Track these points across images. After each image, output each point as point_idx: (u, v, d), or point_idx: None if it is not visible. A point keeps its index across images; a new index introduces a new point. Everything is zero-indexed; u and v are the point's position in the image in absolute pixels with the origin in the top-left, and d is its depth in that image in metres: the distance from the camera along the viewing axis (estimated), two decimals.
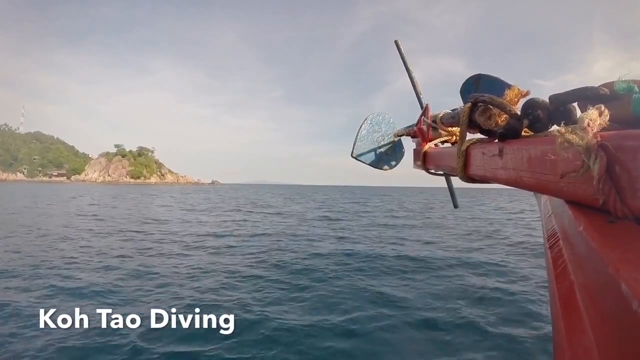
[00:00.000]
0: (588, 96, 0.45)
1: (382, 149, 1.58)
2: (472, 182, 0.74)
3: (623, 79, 0.46)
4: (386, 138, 1.58)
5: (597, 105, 0.38)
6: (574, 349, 0.27)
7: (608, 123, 0.37)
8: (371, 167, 1.56)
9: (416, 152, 1.27)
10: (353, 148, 1.51)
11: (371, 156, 1.56)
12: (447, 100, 1.04)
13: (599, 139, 0.33)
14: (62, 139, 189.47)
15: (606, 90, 0.45)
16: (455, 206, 1.58)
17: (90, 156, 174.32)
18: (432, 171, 1.17)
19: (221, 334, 3.64)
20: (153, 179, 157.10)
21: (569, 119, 0.48)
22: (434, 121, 1.08)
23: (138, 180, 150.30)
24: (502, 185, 0.61)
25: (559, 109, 0.50)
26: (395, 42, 1.48)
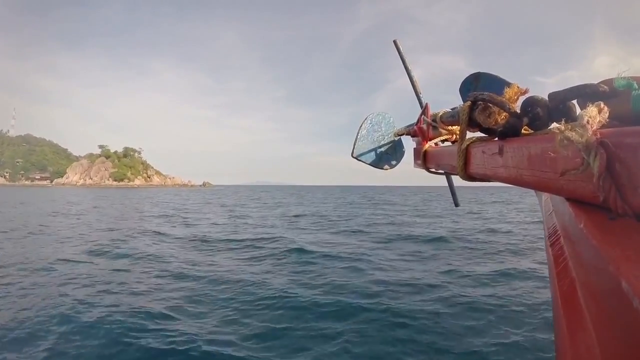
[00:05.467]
0: (587, 93, 0.47)
1: (383, 149, 1.60)
2: (473, 181, 0.76)
3: (622, 76, 0.47)
4: (386, 137, 1.61)
5: (596, 103, 0.39)
6: (575, 347, 0.28)
7: (607, 120, 0.38)
8: (372, 167, 1.58)
9: (416, 151, 1.29)
10: (353, 148, 1.54)
11: (371, 156, 1.58)
12: (449, 99, 1.07)
13: (598, 136, 0.34)
14: (57, 142, 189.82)
15: (605, 87, 0.46)
16: (456, 205, 1.60)
17: None
18: (433, 170, 1.19)
19: None
20: (137, 181, 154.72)
21: (569, 117, 0.49)
22: (434, 120, 1.10)
23: (121, 183, 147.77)
24: (503, 184, 0.62)
25: (559, 106, 0.52)
26: (394, 41, 1.50)
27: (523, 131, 0.57)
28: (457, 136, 0.81)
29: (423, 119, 1.24)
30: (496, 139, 0.63)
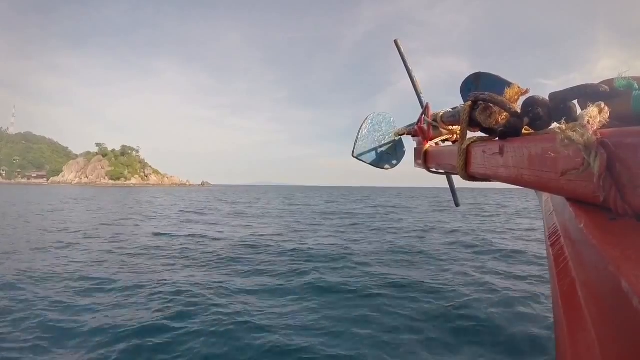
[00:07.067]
0: (588, 93, 0.47)
1: (383, 148, 1.61)
2: (474, 181, 0.76)
3: (623, 76, 0.47)
4: (387, 137, 1.62)
5: (597, 103, 0.39)
6: (576, 346, 0.28)
7: (608, 120, 0.38)
8: (372, 167, 1.59)
9: (417, 151, 1.30)
10: (354, 148, 1.55)
11: (372, 155, 1.59)
12: (451, 100, 1.08)
13: (599, 136, 0.35)
14: (58, 140, 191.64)
15: (606, 87, 0.46)
16: (457, 205, 1.61)
17: None
18: (433, 170, 1.19)
19: None
20: (134, 180, 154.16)
21: (569, 117, 0.50)
22: (435, 120, 1.11)
23: (117, 182, 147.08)
24: (504, 184, 0.63)
25: (559, 106, 0.52)
26: (395, 41, 1.51)
27: (524, 131, 0.57)
28: (458, 136, 0.81)
29: (424, 119, 1.24)
30: (497, 139, 0.63)
